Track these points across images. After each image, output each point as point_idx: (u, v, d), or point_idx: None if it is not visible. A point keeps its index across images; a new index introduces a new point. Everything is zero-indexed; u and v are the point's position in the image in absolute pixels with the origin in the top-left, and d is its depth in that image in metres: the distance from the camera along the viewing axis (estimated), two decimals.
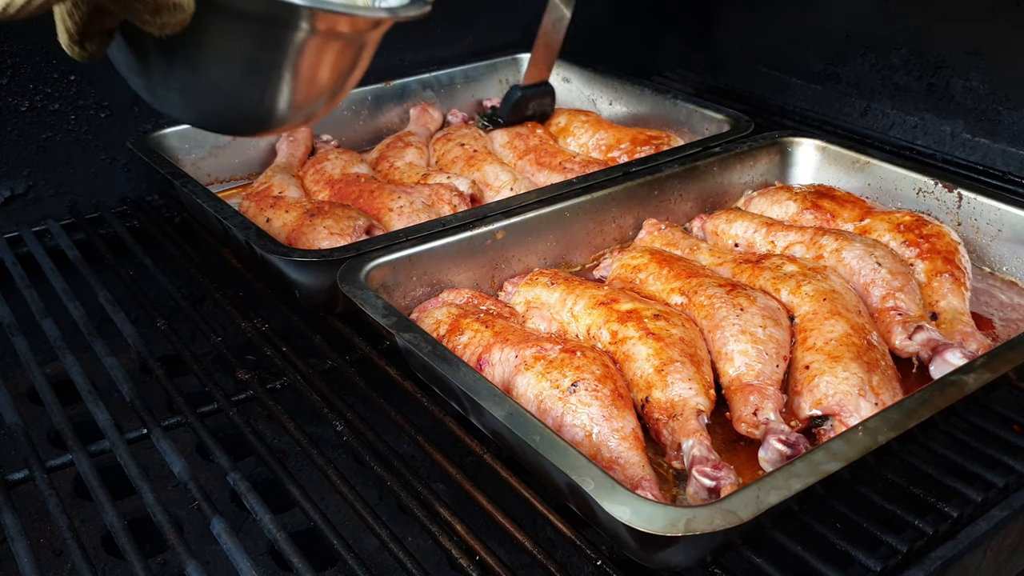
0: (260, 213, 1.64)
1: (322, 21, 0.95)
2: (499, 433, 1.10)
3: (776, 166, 1.81)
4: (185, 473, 1.16)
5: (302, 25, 0.94)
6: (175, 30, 0.86)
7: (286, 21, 0.94)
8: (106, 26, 0.87)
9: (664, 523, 0.86)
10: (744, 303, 1.30)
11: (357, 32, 1.01)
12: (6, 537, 1.07)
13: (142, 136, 1.80)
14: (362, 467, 1.54)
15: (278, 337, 1.42)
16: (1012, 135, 2.06)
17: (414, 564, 1.02)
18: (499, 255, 1.51)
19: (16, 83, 1.74)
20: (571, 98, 2.24)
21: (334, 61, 1.01)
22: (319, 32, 0.96)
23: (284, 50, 0.96)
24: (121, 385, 1.32)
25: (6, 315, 1.50)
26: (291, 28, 0.94)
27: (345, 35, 1.00)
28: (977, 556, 1.04)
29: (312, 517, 1.09)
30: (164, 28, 0.86)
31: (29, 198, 1.83)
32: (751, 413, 1.17)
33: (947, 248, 1.45)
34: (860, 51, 2.32)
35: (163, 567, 1.40)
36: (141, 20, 0.84)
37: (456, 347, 1.28)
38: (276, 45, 0.96)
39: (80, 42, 0.87)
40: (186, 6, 0.85)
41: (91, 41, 0.87)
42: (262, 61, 0.96)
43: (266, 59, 0.96)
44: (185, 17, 0.85)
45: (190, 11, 0.85)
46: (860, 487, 1.05)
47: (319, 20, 0.95)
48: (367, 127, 2.11)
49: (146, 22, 0.85)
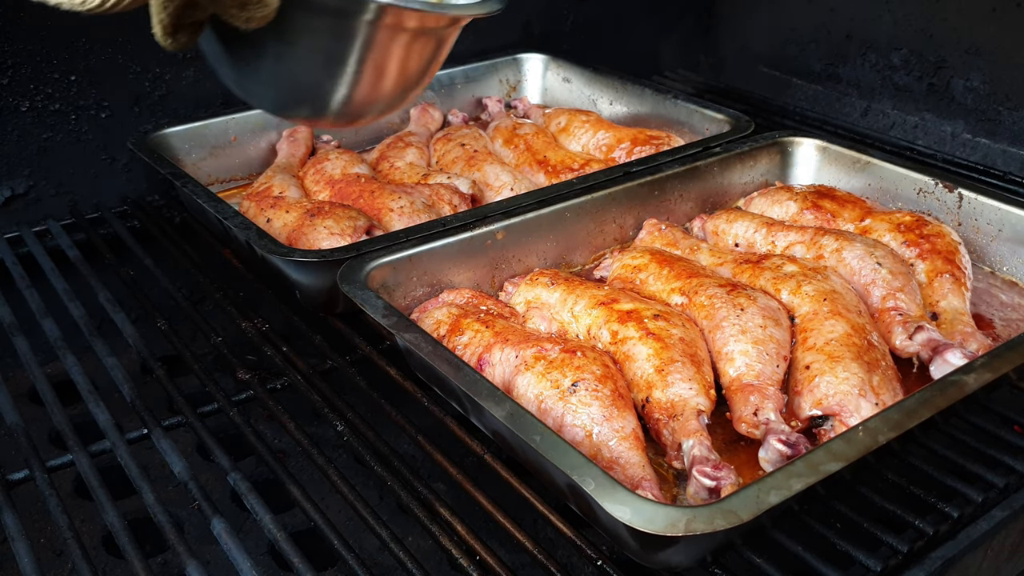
0: (260, 213, 1.64)
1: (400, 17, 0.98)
2: (499, 433, 1.10)
3: (776, 166, 1.81)
4: (185, 473, 1.16)
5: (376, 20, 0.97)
6: (260, 24, 0.91)
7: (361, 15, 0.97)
8: (197, 18, 0.92)
9: (664, 523, 0.86)
10: (744, 303, 1.30)
11: (435, 28, 1.04)
12: (6, 537, 1.07)
13: (142, 136, 1.80)
14: (362, 467, 1.54)
15: (279, 337, 1.42)
16: (1012, 135, 2.06)
17: (414, 564, 1.02)
18: (499, 255, 1.51)
19: (17, 83, 1.75)
20: (571, 98, 2.24)
21: (412, 56, 1.04)
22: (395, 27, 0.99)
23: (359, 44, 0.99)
24: (121, 385, 1.32)
25: (7, 315, 1.50)
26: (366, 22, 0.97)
27: (424, 30, 1.03)
28: (977, 556, 1.04)
29: (312, 517, 1.09)
30: (250, 22, 0.91)
31: (30, 198, 1.83)
32: (751, 413, 1.17)
33: (947, 248, 1.45)
34: (860, 51, 2.33)
35: (163, 567, 1.40)
36: (228, 14, 0.90)
37: (456, 347, 1.28)
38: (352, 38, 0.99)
39: (173, 33, 0.90)
40: (270, 1, 0.89)
41: (183, 32, 0.92)
42: (339, 54, 1.00)
43: (343, 52, 1.00)
44: (269, 12, 0.90)
45: (274, 6, 0.90)
46: (860, 487, 1.05)
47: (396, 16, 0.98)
48: (367, 127, 2.10)
49: (233, 16, 0.90)
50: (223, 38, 1.01)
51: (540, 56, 2.31)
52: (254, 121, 1.92)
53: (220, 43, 1.02)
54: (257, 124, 1.93)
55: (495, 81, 2.29)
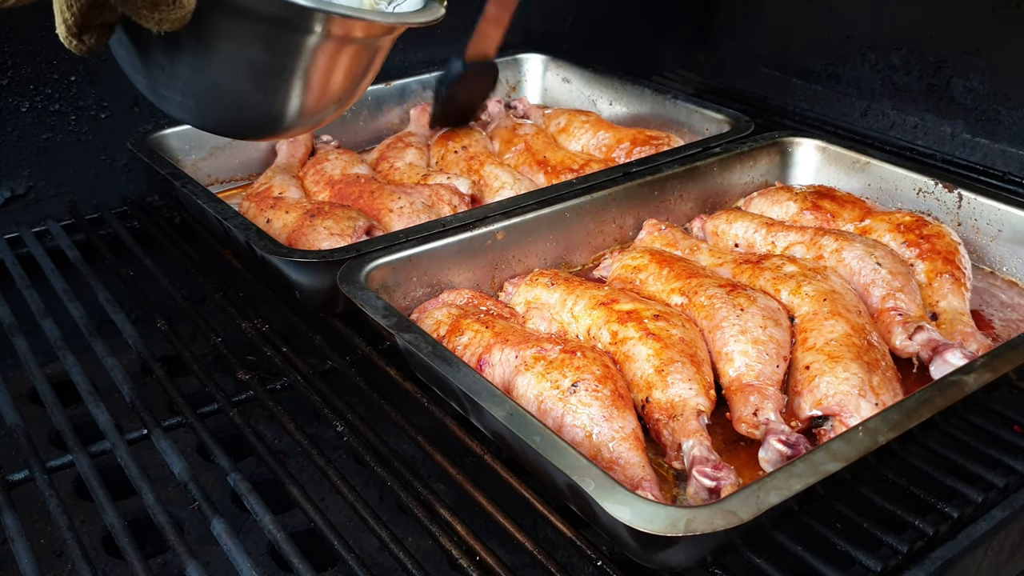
0: (260, 214, 1.64)
1: (334, 25, 0.92)
2: (499, 433, 1.10)
3: (776, 166, 1.81)
4: (185, 473, 1.16)
5: (313, 28, 0.91)
6: (174, 27, 0.84)
7: (296, 24, 0.90)
8: (106, 19, 0.85)
9: (664, 523, 0.86)
10: (744, 303, 1.30)
11: (371, 37, 0.98)
12: (6, 537, 1.07)
13: (142, 137, 1.80)
14: (362, 467, 1.54)
15: (278, 337, 1.42)
16: (1012, 135, 2.06)
17: (414, 564, 1.02)
18: (499, 255, 1.51)
19: (16, 84, 1.75)
20: (571, 98, 2.24)
21: (346, 66, 0.98)
22: (330, 36, 0.93)
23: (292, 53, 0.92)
24: (121, 385, 1.32)
25: (6, 315, 1.50)
26: (301, 31, 0.91)
27: (358, 40, 0.97)
28: (977, 556, 1.04)
29: (312, 517, 1.09)
30: (162, 24, 0.83)
31: (29, 199, 1.83)
32: (751, 413, 1.17)
33: (947, 248, 1.45)
34: (860, 51, 2.33)
35: (163, 567, 1.40)
36: (138, 15, 0.82)
37: (456, 347, 1.28)
38: (284, 48, 0.92)
39: (79, 34, 0.84)
40: (186, 2, 0.82)
41: (90, 34, 0.85)
42: (269, 64, 0.93)
43: (273, 62, 0.93)
44: (185, 14, 0.83)
45: (190, 8, 0.83)
46: (860, 487, 1.05)
47: (331, 24, 0.91)
48: (367, 128, 2.11)
49: (143, 17, 0.83)
50: (136, 41, 0.93)
51: (540, 56, 2.31)
52: None
53: (133, 47, 0.94)
54: None
55: None
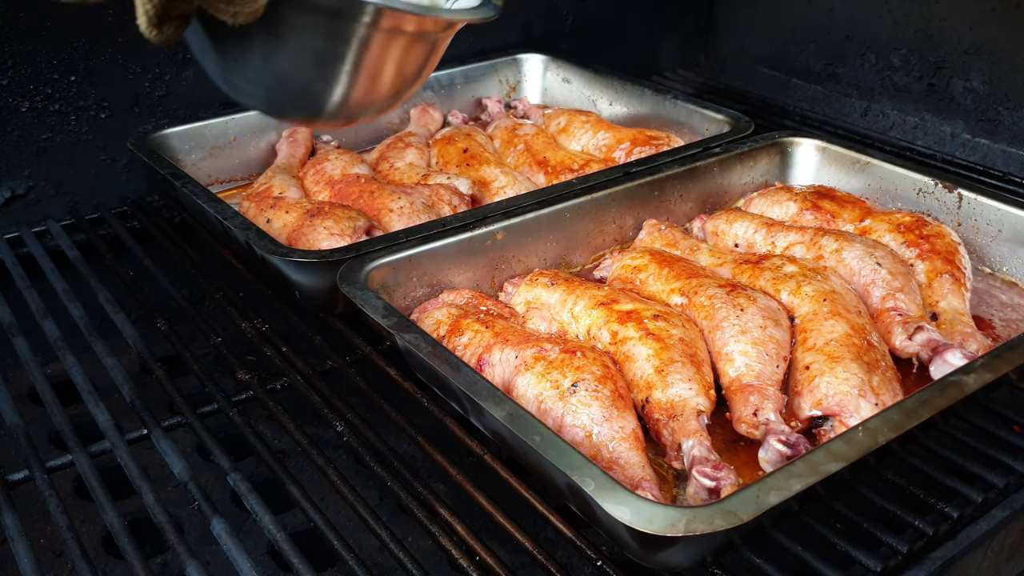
0: (260, 214, 1.64)
1: (392, 19, 0.97)
2: (499, 434, 1.10)
3: (776, 166, 1.81)
4: (185, 473, 1.16)
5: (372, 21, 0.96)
6: (248, 19, 0.89)
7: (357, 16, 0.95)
8: (183, 11, 0.89)
9: (664, 523, 0.86)
10: (744, 303, 1.30)
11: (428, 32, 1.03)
12: (6, 537, 1.07)
13: (142, 137, 1.80)
14: (362, 467, 1.54)
15: (278, 337, 1.42)
16: (1012, 135, 2.06)
17: (414, 564, 1.02)
18: (499, 255, 1.51)
19: (16, 83, 1.75)
20: (571, 98, 2.24)
21: (404, 59, 1.03)
22: (388, 30, 0.98)
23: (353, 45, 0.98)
24: (121, 385, 1.32)
25: (6, 315, 1.50)
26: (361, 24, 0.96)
27: (417, 34, 1.01)
28: (977, 556, 1.04)
29: (312, 517, 1.09)
30: (237, 17, 0.88)
31: (29, 199, 1.83)
32: (751, 413, 1.17)
33: (947, 249, 1.45)
34: (860, 51, 2.33)
35: (163, 567, 1.40)
36: (215, 8, 0.87)
37: (456, 348, 1.28)
38: (346, 39, 0.97)
39: (159, 25, 0.88)
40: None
41: (169, 24, 0.89)
42: (332, 54, 0.98)
43: (335, 52, 0.98)
44: (258, 7, 0.88)
45: (262, 2, 0.88)
46: (860, 487, 1.05)
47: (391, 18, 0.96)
48: (367, 127, 2.11)
49: (220, 10, 0.87)
50: (210, 32, 0.98)
51: (540, 56, 2.31)
52: (254, 121, 1.92)
53: (207, 37, 0.99)
54: (257, 125, 1.93)
55: (495, 81, 2.29)
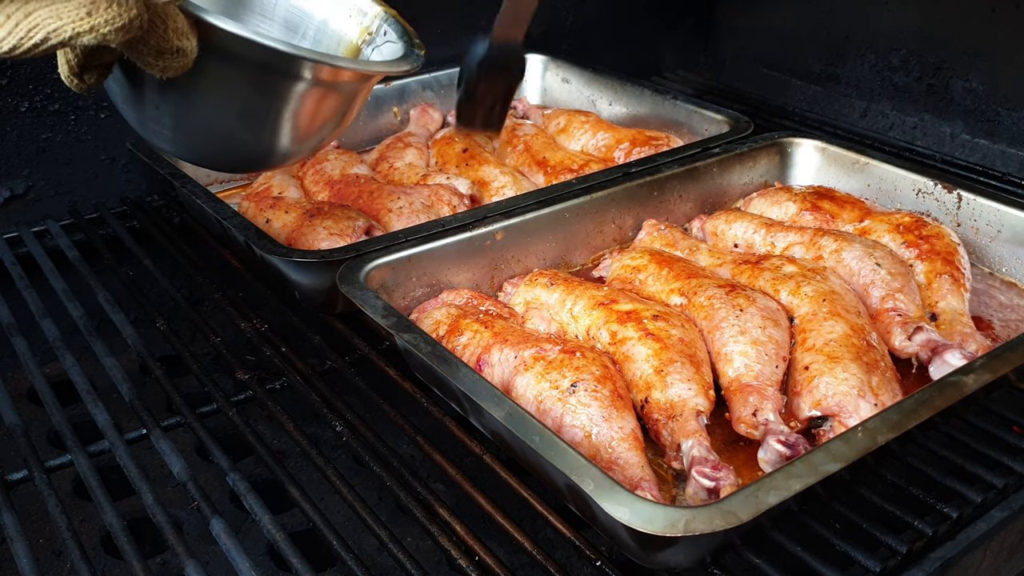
0: (260, 214, 1.64)
1: (315, 71, 0.98)
2: (499, 434, 1.10)
3: (776, 167, 1.81)
4: (184, 473, 1.16)
5: (297, 73, 0.98)
6: (176, 73, 0.89)
7: (281, 69, 0.97)
8: (105, 60, 0.90)
9: (663, 524, 0.86)
10: (743, 304, 1.31)
11: (347, 83, 1.04)
12: (5, 537, 1.07)
13: (142, 137, 1.79)
14: (361, 467, 1.54)
15: (278, 337, 1.42)
16: (1012, 136, 2.06)
17: (413, 564, 1.02)
18: (499, 256, 1.51)
19: (16, 83, 1.75)
20: (571, 98, 2.24)
21: (325, 108, 1.05)
22: (312, 81, 0.99)
23: (276, 96, 0.99)
24: (120, 385, 1.32)
25: (6, 315, 1.50)
26: (285, 76, 0.98)
27: (336, 85, 1.03)
28: (976, 557, 1.04)
29: (311, 517, 1.09)
30: (166, 71, 0.89)
31: (29, 198, 1.83)
32: (750, 414, 1.17)
33: (946, 249, 1.45)
34: (860, 52, 2.33)
35: (163, 567, 1.40)
36: (144, 62, 0.87)
37: (455, 348, 1.28)
38: (271, 91, 0.99)
39: (80, 74, 0.90)
40: (189, 52, 0.88)
41: (90, 73, 0.91)
42: (256, 105, 1.00)
43: (260, 104, 1.00)
44: (188, 62, 0.89)
45: (192, 56, 0.89)
46: (860, 488, 1.05)
47: (313, 70, 0.98)
48: (367, 128, 2.11)
49: (149, 64, 0.87)
50: (131, 80, 0.99)
51: (539, 56, 2.31)
52: None
53: (127, 84, 1.00)
54: None
55: None
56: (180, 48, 0.87)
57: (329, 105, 1.05)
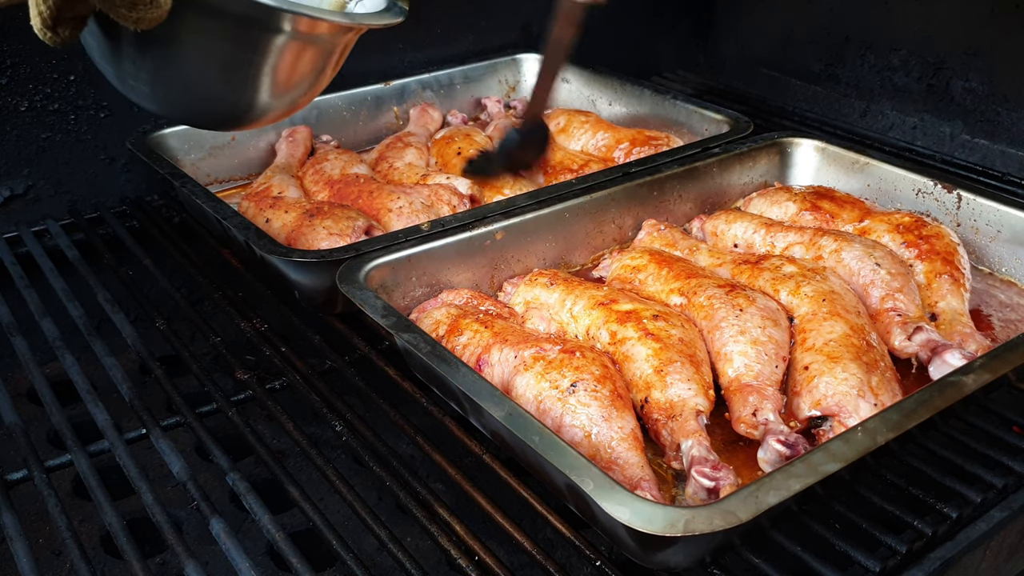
0: (259, 213, 1.64)
1: (296, 23, 0.97)
2: (498, 433, 1.10)
3: (775, 167, 1.81)
4: (184, 473, 1.16)
5: (276, 26, 0.96)
6: (151, 25, 0.88)
7: (261, 21, 0.96)
8: (79, 12, 0.88)
9: (663, 523, 0.86)
10: (743, 304, 1.31)
11: (329, 36, 1.03)
12: (5, 537, 1.07)
13: (141, 136, 1.80)
14: (361, 467, 1.54)
15: (277, 337, 1.42)
16: (1011, 136, 2.06)
17: (413, 564, 1.02)
18: (498, 255, 1.51)
19: (16, 83, 1.74)
20: (570, 98, 2.24)
21: (305, 63, 1.03)
22: (292, 34, 0.98)
23: (256, 49, 0.98)
24: (120, 385, 1.32)
25: (5, 315, 1.50)
26: (265, 28, 0.96)
27: (317, 38, 1.02)
28: (976, 557, 1.04)
29: (311, 517, 1.09)
30: (140, 23, 0.87)
31: (28, 198, 1.83)
32: (750, 414, 1.17)
33: (946, 249, 1.45)
34: (860, 52, 2.33)
35: (162, 567, 1.40)
36: (117, 13, 0.86)
37: (455, 347, 1.28)
38: (250, 44, 0.97)
39: (53, 27, 0.87)
40: (163, 2, 0.86)
41: (64, 26, 0.88)
42: (234, 59, 0.98)
43: (238, 57, 0.98)
44: (161, 13, 0.87)
45: (166, 7, 0.87)
46: (859, 488, 1.05)
47: (293, 22, 0.97)
48: (367, 127, 2.11)
49: (122, 16, 0.86)
50: (107, 34, 0.97)
51: (539, 56, 2.30)
52: None
53: (104, 38, 0.98)
54: None
55: (494, 81, 2.29)
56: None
57: (310, 59, 1.04)
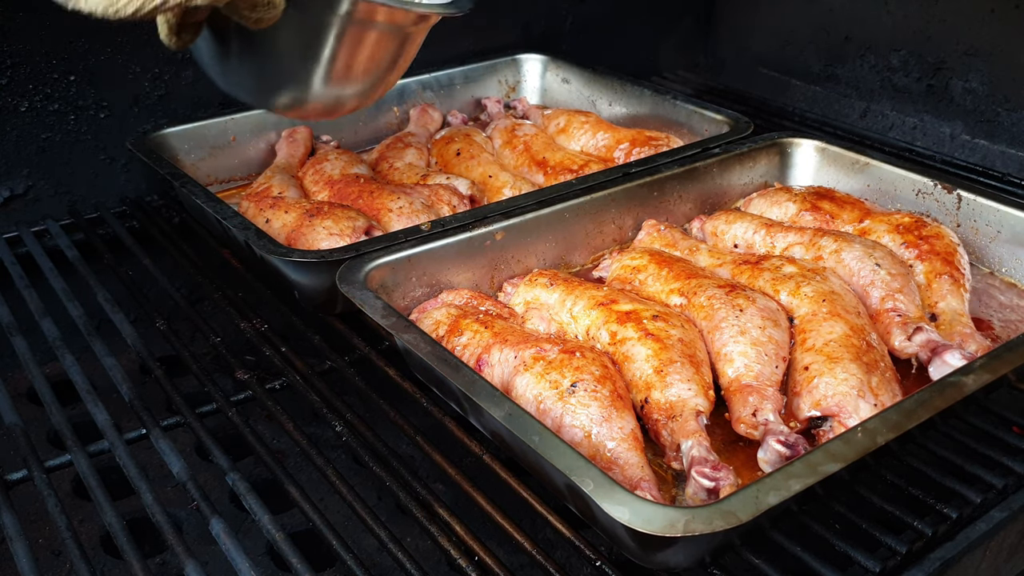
0: (259, 213, 1.64)
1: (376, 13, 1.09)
2: (498, 434, 1.10)
3: (775, 167, 1.81)
4: (184, 473, 1.16)
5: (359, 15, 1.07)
6: (268, 24, 0.99)
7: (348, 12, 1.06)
8: (199, 19, 1.00)
9: (663, 524, 0.86)
10: (743, 304, 1.31)
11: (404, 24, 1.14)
12: (5, 537, 1.07)
13: (141, 136, 1.80)
14: (361, 467, 1.54)
15: (277, 337, 1.42)
16: (1011, 136, 2.06)
17: (413, 564, 1.02)
18: (498, 256, 1.51)
19: (16, 83, 1.75)
20: (571, 99, 2.24)
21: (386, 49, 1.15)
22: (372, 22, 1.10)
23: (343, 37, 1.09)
24: (120, 385, 1.32)
25: (5, 315, 1.50)
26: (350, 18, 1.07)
27: (395, 26, 1.13)
28: (976, 557, 1.04)
29: (311, 517, 1.09)
30: (260, 23, 0.98)
31: (28, 198, 1.83)
32: (750, 414, 1.17)
33: (946, 249, 1.45)
34: (860, 52, 2.33)
35: (162, 567, 1.40)
36: (240, 15, 0.97)
37: (455, 348, 1.28)
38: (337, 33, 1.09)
39: (178, 33, 0.99)
40: (278, 3, 0.97)
41: (186, 32, 1.00)
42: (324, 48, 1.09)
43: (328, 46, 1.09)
44: (277, 13, 0.98)
45: (281, 7, 0.98)
46: (859, 488, 1.05)
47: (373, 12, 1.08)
48: (367, 128, 2.11)
49: (244, 17, 0.97)
50: (217, 37, 1.09)
51: (539, 57, 2.31)
52: (253, 121, 1.92)
53: (214, 41, 1.10)
54: (256, 124, 1.93)
55: (494, 82, 2.29)
56: (271, 0, 0.96)
57: (396, 47, 1.15)
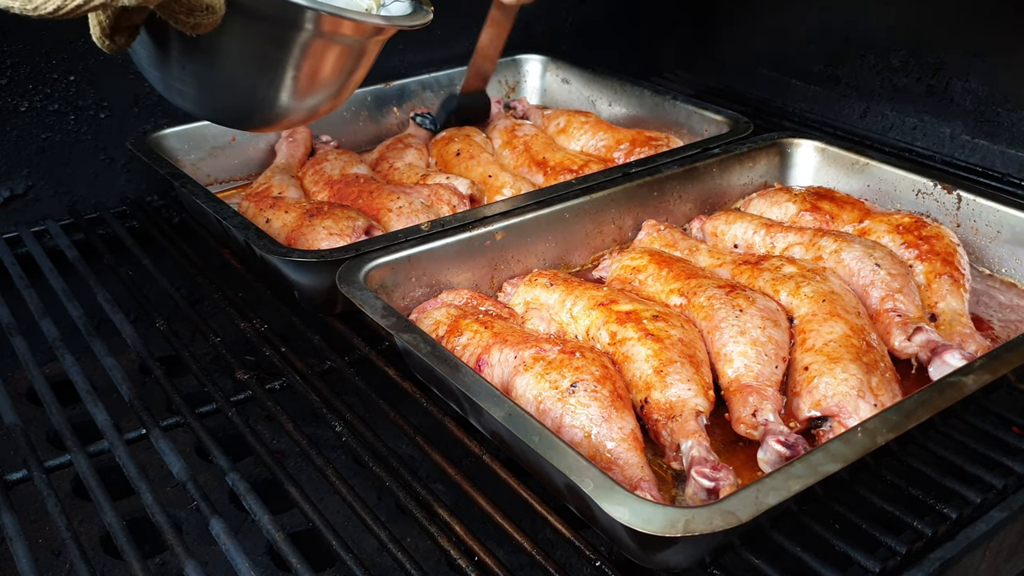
0: (259, 213, 1.64)
1: (328, 24, 1.04)
2: (498, 434, 1.10)
3: (775, 167, 1.81)
4: (184, 473, 1.16)
5: (310, 27, 1.03)
6: (206, 31, 0.94)
7: (297, 23, 1.02)
8: (134, 22, 0.95)
9: (663, 524, 0.86)
10: (743, 304, 1.31)
11: (360, 36, 1.09)
12: (5, 537, 1.07)
13: (141, 136, 1.80)
14: (361, 468, 1.54)
15: (277, 337, 1.42)
16: (1011, 137, 2.06)
17: (413, 565, 1.02)
18: (498, 256, 1.51)
19: (16, 83, 1.75)
20: (570, 99, 2.24)
21: (337, 62, 1.10)
22: (324, 34, 1.05)
23: (293, 49, 1.04)
24: (120, 385, 1.32)
25: (5, 315, 1.50)
26: (300, 29, 1.03)
27: (348, 39, 1.08)
28: (976, 557, 1.04)
29: (311, 518, 1.09)
30: (196, 28, 0.93)
31: (28, 198, 1.83)
32: (750, 414, 1.17)
33: (946, 250, 1.45)
34: (860, 52, 2.33)
35: (162, 567, 1.40)
36: (176, 20, 0.92)
37: (455, 348, 1.28)
38: (286, 45, 1.04)
39: (111, 35, 0.94)
40: (218, 8, 0.92)
41: (120, 35, 0.95)
42: (273, 59, 1.05)
43: (276, 57, 1.05)
44: (216, 19, 0.93)
45: (221, 13, 0.93)
46: (859, 488, 1.05)
47: (325, 23, 1.03)
48: (367, 128, 2.11)
49: (180, 22, 0.92)
50: (157, 42, 1.04)
51: (539, 57, 2.31)
52: None
53: (154, 46, 1.05)
54: None
55: (494, 82, 2.29)
56: (210, 5, 0.91)
57: (347, 59, 1.11)
